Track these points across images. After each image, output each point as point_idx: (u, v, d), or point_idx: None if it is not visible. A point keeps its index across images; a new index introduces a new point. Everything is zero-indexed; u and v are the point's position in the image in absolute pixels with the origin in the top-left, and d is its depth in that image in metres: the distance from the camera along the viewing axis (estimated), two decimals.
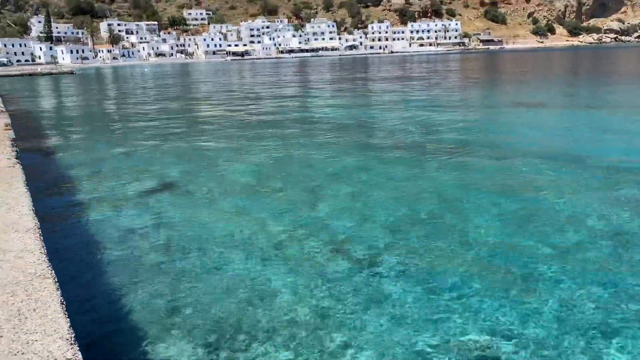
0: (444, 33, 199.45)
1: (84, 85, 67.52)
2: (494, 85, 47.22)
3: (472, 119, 24.14)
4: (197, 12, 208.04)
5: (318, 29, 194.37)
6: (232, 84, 60.54)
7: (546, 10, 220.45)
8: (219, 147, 18.91)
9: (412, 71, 73.72)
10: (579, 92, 37.30)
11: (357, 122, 24.17)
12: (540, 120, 23.00)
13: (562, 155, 15.41)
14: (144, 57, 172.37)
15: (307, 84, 54.56)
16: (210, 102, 38.80)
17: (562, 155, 15.42)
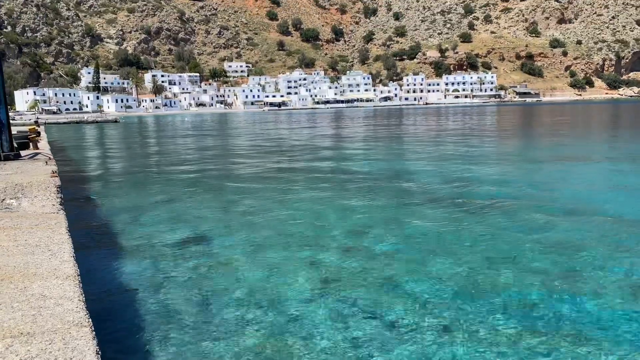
0: (480, 85, 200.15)
1: (126, 133, 70.03)
2: (533, 137, 46.51)
3: (511, 172, 23.63)
4: (237, 64, 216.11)
5: (353, 81, 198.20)
6: (268, 134, 61.64)
7: (584, 64, 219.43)
8: (254, 198, 18.97)
9: (447, 122, 73.64)
10: (623, 145, 36.29)
11: (393, 173, 24.00)
12: (587, 176, 22.31)
13: (611, 215, 14.75)
14: (184, 107, 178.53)
15: (342, 134, 55.03)
16: (246, 152, 39.43)
17: (612, 215, 14.76)
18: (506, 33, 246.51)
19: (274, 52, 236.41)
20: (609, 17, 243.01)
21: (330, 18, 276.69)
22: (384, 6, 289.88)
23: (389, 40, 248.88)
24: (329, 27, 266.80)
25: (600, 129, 54.45)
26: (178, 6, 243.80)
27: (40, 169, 16.08)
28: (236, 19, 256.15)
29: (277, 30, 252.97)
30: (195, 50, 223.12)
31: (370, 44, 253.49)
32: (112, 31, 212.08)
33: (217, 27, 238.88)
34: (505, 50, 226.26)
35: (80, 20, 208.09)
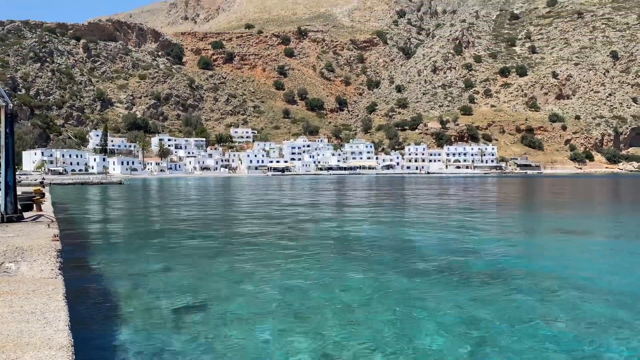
0: (481, 157, 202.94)
1: (129, 196, 70.45)
2: (535, 209, 46.57)
3: (514, 244, 23.50)
4: (243, 130, 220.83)
5: (356, 149, 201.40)
6: (271, 199, 61.90)
7: (583, 138, 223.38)
8: (254, 265, 18.81)
9: (449, 192, 73.99)
10: (624, 220, 36.25)
11: (394, 242, 23.90)
12: (587, 251, 22.17)
13: (610, 291, 14.56)
14: (189, 170, 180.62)
15: (344, 202, 55.23)
16: (247, 218, 39.46)
17: (611, 291, 14.56)
18: (506, 107, 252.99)
19: (280, 119, 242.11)
20: (605, 94, 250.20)
21: (334, 89, 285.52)
22: (386, 79, 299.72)
23: (391, 111, 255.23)
24: (333, 97, 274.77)
25: (602, 203, 54.60)
26: (188, 74, 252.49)
27: (42, 232, 16.10)
28: (244, 88, 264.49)
29: (283, 99, 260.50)
30: (202, 116, 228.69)
31: (373, 114, 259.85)
32: (123, 96, 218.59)
33: (225, 95, 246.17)
34: (506, 123, 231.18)
35: (92, 85, 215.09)
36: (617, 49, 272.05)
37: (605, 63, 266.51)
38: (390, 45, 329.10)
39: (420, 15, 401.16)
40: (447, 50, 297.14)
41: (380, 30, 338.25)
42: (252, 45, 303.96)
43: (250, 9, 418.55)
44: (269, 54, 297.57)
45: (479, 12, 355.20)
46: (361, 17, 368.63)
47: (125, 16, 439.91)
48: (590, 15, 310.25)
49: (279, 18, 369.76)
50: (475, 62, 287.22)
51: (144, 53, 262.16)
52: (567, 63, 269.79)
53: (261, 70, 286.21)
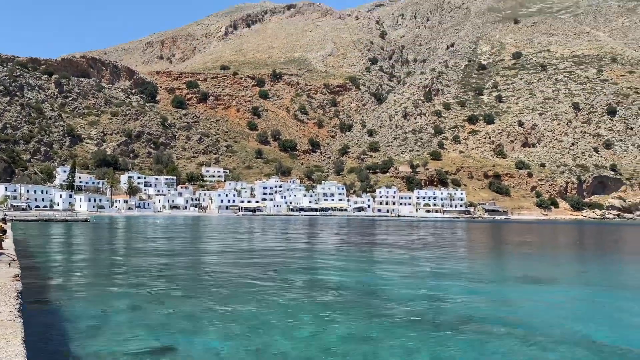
0: (450, 201, 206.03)
1: (95, 234, 68.66)
2: (504, 255, 47.23)
3: (483, 291, 23.69)
4: (215, 169, 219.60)
5: (328, 190, 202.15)
6: (241, 240, 61.21)
7: (548, 185, 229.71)
8: (217, 309, 18.43)
9: (419, 236, 74.58)
10: (588, 268, 37.06)
11: (362, 288, 23.81)
12: (553, 299, 22.49)
13: (578, 340, 14.76)
14: (158, 209, 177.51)
15: (315, 244, 54.99)
16: (213, 260, 38.84)
17: (579, 340, 14.77)
18: (474, 153, 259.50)
19: (252, 159, 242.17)
20: (569, 143, 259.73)
21: (307, 131, 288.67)
22: (358, 123, 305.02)
23: (363, 154, 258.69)
24: (306, 139, 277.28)
25: (567, 250, 55.80)
26: (161, 112, 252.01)
27: (2, 272, 15.52)
28: (217, 127, 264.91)
29: (257, 140, 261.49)
30: (174, 155, 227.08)
31: (345, 156, 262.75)
32: (93, 132, 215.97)
33: (198, 134, 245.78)
34: (474, 169, 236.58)
35: (62, 120, 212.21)
36: (578, 101, 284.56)
37: (568, 114, 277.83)
38: (363, 91, 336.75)
39: (391, 62, 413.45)
40: (418, 97, 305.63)
41: (353, 76, 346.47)
42: (226, 86, 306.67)
43: (226, 51, 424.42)
44: (243, 95, 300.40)
45: (448, 61, 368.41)
46: (335, 63, 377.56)
47: (100, 53, 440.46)
48: (553, 69, 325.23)
49: (254, 61, 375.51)
50: (444, 109, 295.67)
51: (117, 90, 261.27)
52: (532, 112, 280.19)
53: (235, 111, 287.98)
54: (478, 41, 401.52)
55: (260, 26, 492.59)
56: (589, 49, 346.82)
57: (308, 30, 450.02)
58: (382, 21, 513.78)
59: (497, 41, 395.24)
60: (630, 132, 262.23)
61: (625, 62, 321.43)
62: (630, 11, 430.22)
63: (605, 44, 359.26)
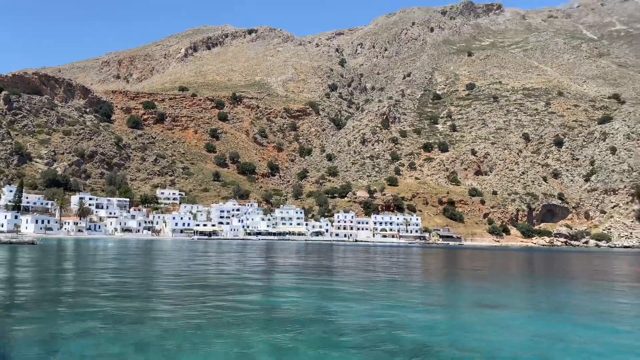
0: (406, 226, 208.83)
1: (40, 257, 65.69)
2: (458, 281, 48.02)
3: (436, 319, 23.94)
4: (170, 191, 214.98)
5: (286, 214, 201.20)
6: (194, 264, 59.92)
7: (500, 212, 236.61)
8: (167, 338, 17.85)
9: (376, 262, 75.02)
10: (537, 294, 38.13)
11: (317, 315, 23.62)
12: (505, 325, 22.94)
13: None
14: (109, 232, 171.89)
15: (271, 269, 54.42)
16: (163, 284, 37.81)
17: None
18: (429, 180, 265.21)
19: (209, 182, 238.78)
20: (519, 172, 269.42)
21: (267, 154, 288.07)
22: (318, 147, 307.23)
23: (322, 179, 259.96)
24: (265, 162, 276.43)
25: (517, 276, 57.31)
26: (116, 132, 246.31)
27: None
28: (174, 149, 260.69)
29: (214, 162, 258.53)
30: (128, 176, 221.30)
31: (304, 180, 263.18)
32: (44, 151, 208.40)
33: (154, 155, 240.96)
34: (429, 196, 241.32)
35: (11, 138, 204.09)
36: (528, 132, 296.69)
37: (518, 144, 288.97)
38: (322, 116, 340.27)
39: (350, 90, 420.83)
40: (375, 124, 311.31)
41: (312, 101, 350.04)
42: (185, 107, 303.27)
43: (185, 73, 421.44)
44: (202, 117, 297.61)
45: (404, 90, 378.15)
46: (295, 88, 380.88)
47: (54, 70, 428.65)
48: (504, 100, 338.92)
49: (214, 83, 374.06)
50: (400, 137, 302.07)
51: (70, 109, 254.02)
52: (484, 142, 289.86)
53: (193, 132, 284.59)
54: (433, 72, 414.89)
55: (220, 49, 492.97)
56: (538, 83, 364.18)
57: (269, 55, 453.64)
58: (342, 49, 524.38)
59: (451, 72, 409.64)
60: (576, 162, 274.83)
61: (570, 96, 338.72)
62: (574, 48, 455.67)
63: (553, 78, 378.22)
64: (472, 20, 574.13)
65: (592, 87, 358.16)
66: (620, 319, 26.21)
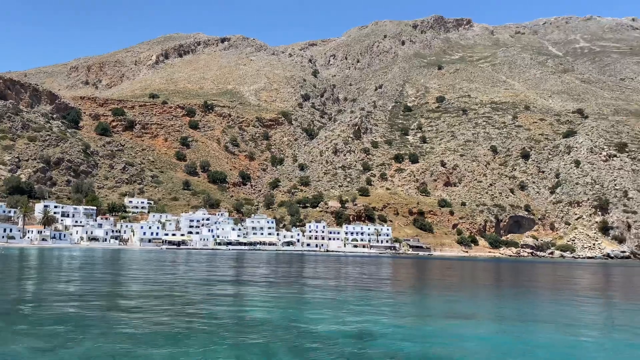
0: (377, 237, 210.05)
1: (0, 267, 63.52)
2: (428, 291, 48.49)
3: (406, 329, 24.11)
4: (138, 200, 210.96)
5: (257, 224, 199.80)
6: (162, 275, 58.90)
7: (468, 223, 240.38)
8: (130, 350, 17.48)
9: (347, 272, 75.12)
10: (505, 304, 38.80)
11: (286, 327, 23.51)
12: (473, 334, 23.27)
13: None
14: (75, 241, 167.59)
15: (240, 279, 53.92)
16: (129, 297, 37.04)
17: None
18: (400, 190, 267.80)
19: (179, 190, 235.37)
20: (487, 184, 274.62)
21: (238, 163, 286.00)
22: (290, 157, 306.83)
23: (294, 188, 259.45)
24: (236, 171, 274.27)
25: (485, 287, 58.22)
26: (84, 139, 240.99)
27: None
28: (143, 157, 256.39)
29: (184, 171, 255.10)
30: (95, 184, 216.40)
31: (276, 190, 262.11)
32: (7, 157, 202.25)
33: (122, 163, 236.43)
34: (399, 206, 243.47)
35: None
36: (496, 144, 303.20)
37: (486, 156, 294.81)
38: (295, 126, 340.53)
39: (323, 100, 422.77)
40: (347, 134, 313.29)
41: (285, 111, 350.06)
42: (155, 115, 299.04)
43: (156, 80, 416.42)
44: (172, 125, 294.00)
45: (376, 102, 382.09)
46: (268, 97, 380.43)
47: (20, 75, 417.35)
48: (473, 113, 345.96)
49: (185, 91, 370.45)
50: (372, 147, 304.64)
51: (36, 114, 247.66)
52: (453, 154, 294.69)
53: (163, 140, 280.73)
54: (404, 84, 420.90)
55: (192, 57, 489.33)
56: (505, 97, 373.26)
57: (241, 64, 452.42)
58: (315, 60, 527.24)
59: (422, 85, 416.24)
60: (542, 175, 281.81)
61: (537, 110, 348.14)
62: (541, 64, 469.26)
63: (520, 92, 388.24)
64: (442, 35, 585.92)
65: (557, 102, 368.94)
66: (583, 328, 26.91)
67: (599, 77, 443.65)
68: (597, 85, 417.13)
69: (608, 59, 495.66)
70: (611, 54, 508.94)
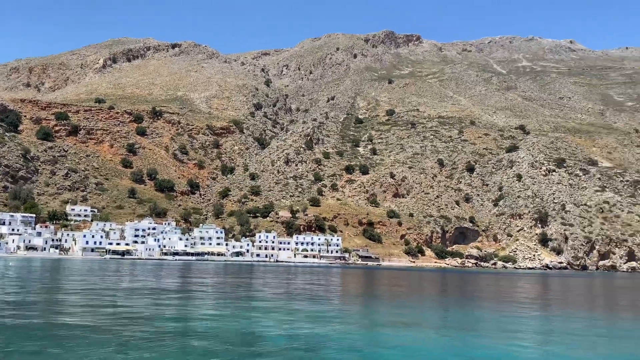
0: (327, 247, 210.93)
1: None
2: (376, 300, 49.12)
3: (354, 337, 24.42)
4: (81, 208, 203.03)
5: (206, 234, 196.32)
6: (105, 285, 57.00)
7: (416, 234, 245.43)
8: None
9: (297, 282, 75.06)
10: (449, 313, 39.90)
11: (236, 336, 23.36)
12: (419, 342, 23.84)
13: None
14: (11, 250, 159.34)
15: (187, 290, 52.91)
16: (69, 310, 35.71)
17: None
18: (350, 201, 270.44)
19: (124, 198, 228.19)
20: (434, 195, 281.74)
21: (187, 172, 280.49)
22: (241, 166, 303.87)
23: (244, 198, 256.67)
24: (185, 179, 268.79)
25: (431, 296, 59.60)
26: (23, 143, 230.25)
27: None
28: (87, 163, 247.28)
29: (130, 178, 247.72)
30: (35, 190, 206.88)
31: (226, 199, 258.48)
32: None
33: (65, 169, 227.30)
34: (349, 216, 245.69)
35: None
36: (443, 158, 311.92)
37: (434, 169, 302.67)
38: (246, 135, 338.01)
39: (275, 110, 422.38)
40: (299, 144, 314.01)
41: (237, 120, 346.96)
42: (101, 120, 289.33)
43: (103, 84, 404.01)
44: (118, 131, 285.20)
45: (328, 113, 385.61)
46: (219, 105, 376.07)
47: None
48: (421, 127, 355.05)
49: (133, 96, 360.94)
50: (324, 158, 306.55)
51: None
52: (402, 166, 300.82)
53: (108, 147, 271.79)
54: (356, 97, 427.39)
55: (141, 62, 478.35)
56: (452, 112, 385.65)
57: (192, 71, 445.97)
58: (268, 69, 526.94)
59: (373, 98, 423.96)
60: (486, 188, 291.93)
61: (482, 125, 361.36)
62: (486, 81, 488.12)
63: (466, 108, 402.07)
64: (393, 50, 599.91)
65: (501, 118, 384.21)
66: (523, 335, 28.07)
67: (540, 95, 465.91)
68: (537, 102, 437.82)
69: (548, 78, 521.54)
70: (551, 74, 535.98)
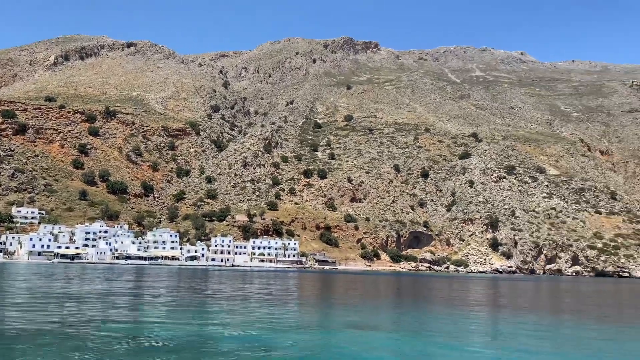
0: (284, 251, 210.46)
1: None
2: (330, 305, 49.53)
3: (309, 340, 24.66)
4: (28, 210, 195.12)
5: (160, 238, 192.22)
6: (52, 289, 55.14)
7: (372, 238, 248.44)
8: None
9: (252, 287, 74.72)
10: (403, 316, 40.74)
11: (186, 342, 23.18)
12: (373, 344, 24.33)
13: None
14: None
15: (137, 295, 51.84)
16: (16, 314, 34.49)
17: None
18: (308, 205, 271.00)
19: (75, 200, 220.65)
20: (390, 200, 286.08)
21: (141, 174, 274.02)
22: (197, 169, 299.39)
23: (200, 201, 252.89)
24: (139, 182, 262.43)
25: (385, 299, 60.58)
26: None
27: None
28: (35, 163, 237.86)
29: (81, 180, 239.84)
30: None
31: (181, 202, 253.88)
32: None
33: (11, 169, 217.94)
34: (307, 220, 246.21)
35: None
36: (398, 163, 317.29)
37: (390, 174, 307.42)
38: (203, 137, 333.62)
39: (233, 112, 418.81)
40: (257, 148, 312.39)
41: (193, 121, 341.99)
42: (51, 119, 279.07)
43: (54, 82, 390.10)
44: (70, 130, 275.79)
45: (287, 117, 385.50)
46: (175, 107, 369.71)
47: None
48: (378, 133, 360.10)
49: (85, 95, 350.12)
50: (282, 162, 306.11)
51: None
52: (360, 170, 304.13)
53: (59, 147, 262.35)
54: (315, 101, 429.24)
55: (95, 60, 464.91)
56: (408, 119, 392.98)
57: (148, 71, 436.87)
58: (226, 71, 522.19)
59: (331, 103, 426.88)
60: (440, 193, 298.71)
61: (436, 132, 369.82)
62: (440, 89, 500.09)
63: (421, 115, 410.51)
64: (352, 56, 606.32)
65: (455, 126, 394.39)
66: (472, 337, 29.05)
67: (492, 104, 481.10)
68: (490, 111, 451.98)
69: (500, 88, 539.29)
70: (502, 84, 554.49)
